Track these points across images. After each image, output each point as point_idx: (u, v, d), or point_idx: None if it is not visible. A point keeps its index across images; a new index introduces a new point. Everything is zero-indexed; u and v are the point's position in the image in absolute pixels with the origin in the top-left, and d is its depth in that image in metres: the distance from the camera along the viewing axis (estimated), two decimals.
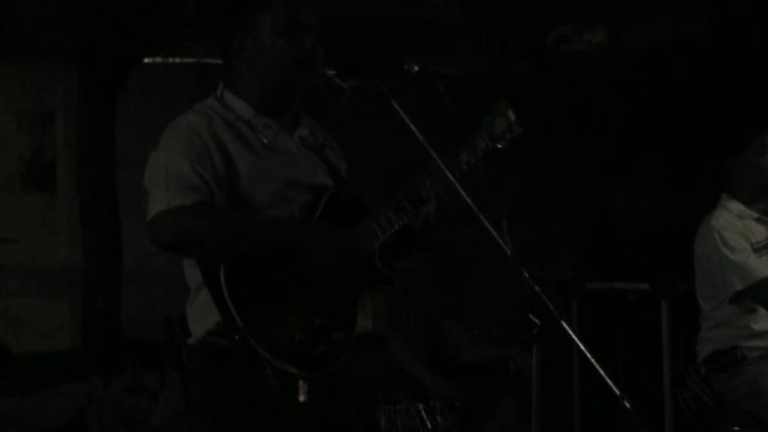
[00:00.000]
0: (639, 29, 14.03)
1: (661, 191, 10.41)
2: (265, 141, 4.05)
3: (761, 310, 5.82)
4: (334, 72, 4.08)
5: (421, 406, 5.07)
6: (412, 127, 3.83)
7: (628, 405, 3.83)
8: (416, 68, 4.04)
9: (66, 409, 5.59)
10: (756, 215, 5.95)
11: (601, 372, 3.79)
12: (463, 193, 3.76)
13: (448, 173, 3.80)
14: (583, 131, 11.05)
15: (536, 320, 3.95)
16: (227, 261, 3.82)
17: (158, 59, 10.20)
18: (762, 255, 5.91)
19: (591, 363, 3.85)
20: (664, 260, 8.13)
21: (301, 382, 3.79)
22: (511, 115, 3.94)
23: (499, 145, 3.93)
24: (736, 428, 5.97)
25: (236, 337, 3.76)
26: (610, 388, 3.77)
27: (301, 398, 3.79)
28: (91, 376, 6.38)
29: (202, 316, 3.95)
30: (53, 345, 8.81)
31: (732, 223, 5.89)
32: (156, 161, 3.96)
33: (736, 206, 5.95)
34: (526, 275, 3.72)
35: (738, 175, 5.98)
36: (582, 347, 3.83)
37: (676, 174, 10.34)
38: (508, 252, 3.76)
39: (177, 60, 9.80)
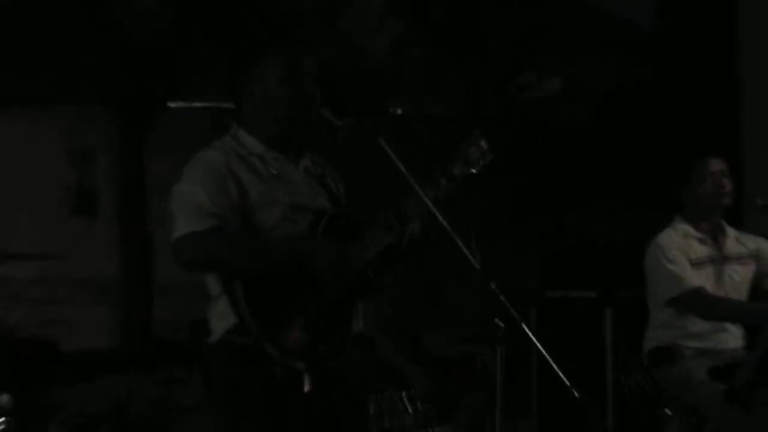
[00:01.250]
0: (591, 77, 14.19)
1: (610, 215, 10.45)
2: (274, 172, 4.10)
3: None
4: (329, 112, 4.14)
5: (404, 393, 5.09)
6: (395, 159, 3.88)
7: (576, 394, 3.90)
8: (399, 111, 4.11)
9: (107, 399, 5.60)
10: (700, 236, 5.96)
11: (555, 367, 3.81)
12: (439, 216, 3.83)
13: (426, 199, 3.82)
14: (544, 163, 11.09)
15: (501, 324, 3.99)
16: (242, 275, 3.91)
17: (181, 104, 10.24)
18: (700, 269, 5.93)
19: (547, 359, 3.90)
20: (611, 273, 8.14)
21: (305, 375, 3.85)
22: (484, 144, 3.93)
23: (473, 171, 3.91)
24: (668, 411, 6.01)
25: (249, 340, 3.86)
26: (563, 380, 3.85)
27: (306, 389, 3.84)
28: (128, 371, 6.40)
29: (221, 318, 3.99)
30: (96, 344, 8.84)
31: (674, 240, 5.91)
32: (179, 192, 4.03)
33: (683, 227, 5.96)
34: (493, 286, 3.80)
35: (686, 201, 6.00)
36: (539, 346, 3.87)
37: (625, 200, 10.37)
38: (477, 266, 3.85)
39: (197, 104, 9.85)
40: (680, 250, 5.89)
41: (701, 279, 5.93)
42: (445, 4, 17.31)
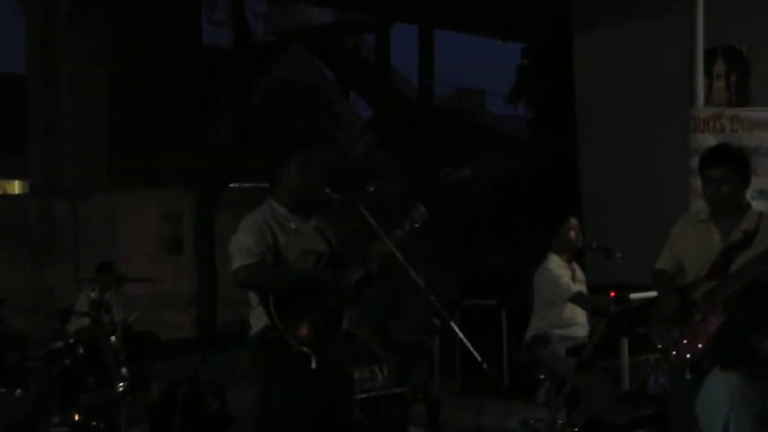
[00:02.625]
0: (491, 169, 14.31)
1: (502, 252, 10.35)
2: (293, 227, 4.03)
3: (563, 311, 5.80)
4: (329, 189, 4.10)
5: (376, 367, 5.00)
6: (370, 218, 3.86)
7: (485, 366, 3.82)
8: (372, 189, 4.10)
9: (187, 369, 5.45)
10: (565, 265, 5.89)
11: (471, 349, 3.82)
12: (397, 254, 3.87)
13: (390, 245, 3.86)
14: (462, 220, 11.06)
15: (437, 321, 3.90)
16: (273, 292, 3.89)
17: (236, 184, 10.22)
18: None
19: (465, 344, 3.87)
20: (505, 288, 8.01)
21: (312, 357, 3.80)
22: (423, 210, 3.93)
23: (417, 225, 3.92)
24: (542, 376, 5.95)
25: (277, 334, 3.82)
26: (476, 357, 3.78)
27: (313, 365, 3.79)
28: (201, 352, 6.27)
29: (258, 320, 3.95)
30: (181, 335, 8.77)
31: (558, 266, 5.83)
32: (235, 239, 4.01)
33: (556, 259, 5.88)
34: (431, 297, 3.82)
35: (555, 243, 5.92)
36: (461, 335, 3.91)
37: (511, 242, 10.27)
38: (421, 284, 3.89)
39: (246, 185, 9.80)
40: (565, 271, 5.82)
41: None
42: (400, 127, 17.54)
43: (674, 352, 3.76)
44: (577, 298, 5.76)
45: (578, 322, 5.89)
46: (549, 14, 12.34)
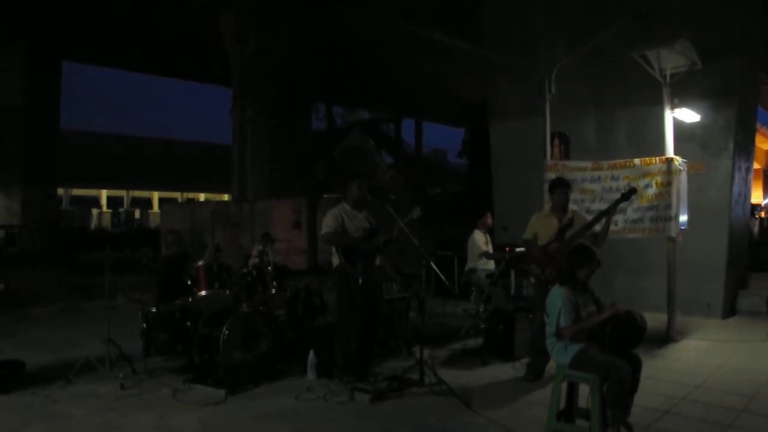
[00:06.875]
0: (452, 187, 14.08)
1: (455, 228, 10.16)
2: (353, 216, 3.93)
3: (481, 258, 5.56)
4: (371, 197, 4.03)
5: (393, 283, 4.90)
6: (392, 211, 3.78)
7: (446, 282, 3.75)
8: (392, 197, 4.01)
9: (304, 283, 5.35)
10: (483, 235, 5.64)
11: (440, 274, 3.71)
12: (405, 229, 3.76)
13: (402, 225, 3.76)
14: (437, 212, 10.84)
15: (424, 262, 3.83)
16: (342, 247, 3.78)
17: (327, 195, 10.07)
18: (487, 245, 5.68)
19: (437, 272, 3.76)
20: (456, 247, 7.83)
21: (360, 277, 3.71)
22: (418, 208, 3.83)
23: (415, 216, 3.80)
24: (473, 289, 5.72)
25: (344, 267, 3.73)
26: (442, 278, 3.70)
27: (360, 282, 3.70)
28: (311, 276, 6.10)
29: (335, 260, 3.85)
30: (300, 267, 8.63)
31: (478, 236, 5.60)
32: (324, 220, 3.91)
33: (478, 232, 5.62)
34: (421, 250, 3.74)
35: (479, 224, 5.71)
36: (435, 268, 3.77)
37: (460, 223, 10.06)
38: (416, 243, 3.74)
39: (332, 195, 9.66)
40: (482, 238, 5.66)
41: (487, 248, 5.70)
42: (406, 168, 17.33)
43: (544, 276, 3.74)
44: (483, 254, 5.61)
45: (492, 262, 5.77)
46: (477, 115, 12.28)
